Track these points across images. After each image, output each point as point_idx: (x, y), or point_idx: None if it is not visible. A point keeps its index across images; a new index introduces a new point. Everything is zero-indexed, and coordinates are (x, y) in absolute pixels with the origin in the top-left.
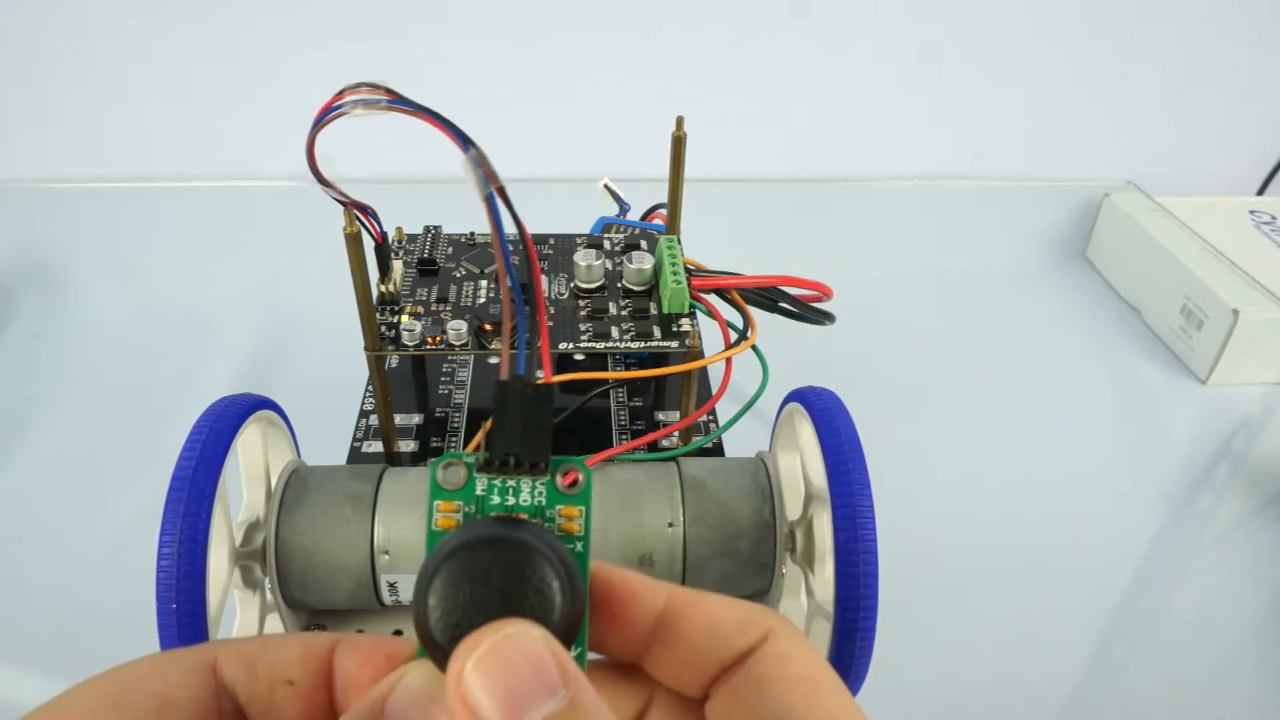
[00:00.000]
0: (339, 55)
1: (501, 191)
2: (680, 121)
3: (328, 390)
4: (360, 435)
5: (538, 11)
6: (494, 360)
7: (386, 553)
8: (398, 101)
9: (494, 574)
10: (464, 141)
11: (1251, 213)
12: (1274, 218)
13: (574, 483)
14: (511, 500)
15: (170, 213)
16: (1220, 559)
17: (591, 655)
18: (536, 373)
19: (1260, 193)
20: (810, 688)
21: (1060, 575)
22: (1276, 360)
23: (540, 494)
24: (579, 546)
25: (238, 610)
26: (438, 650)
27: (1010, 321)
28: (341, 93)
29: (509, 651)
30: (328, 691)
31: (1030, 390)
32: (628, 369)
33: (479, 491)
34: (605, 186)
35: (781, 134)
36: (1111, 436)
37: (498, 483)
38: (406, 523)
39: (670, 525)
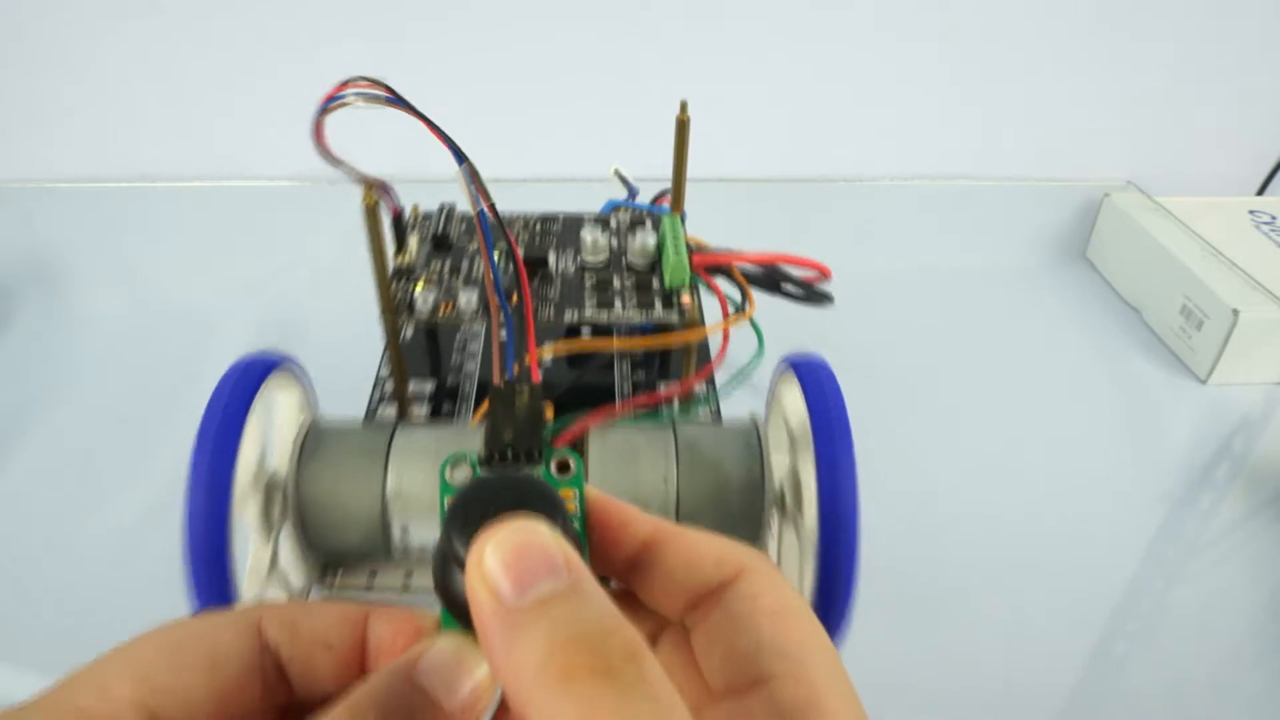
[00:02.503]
0: (339, 55)
1: (492, 209)
2: (684, 105)
3: (328, 389)
4: (376, 400)
5: (539, 12)
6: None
7: (398, 499)
8: (395, 99)
9: (505, 490)
10: (458, 156)
11: (1251, 213)
12: (1274, 218)
13: (564, 466)
14: None
15: (170, 213)
16: (1220, 559)
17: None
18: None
19: (1260, 193)
20: (781, 619)
21: (1060, 575)
22: (1276, 360)
23: None
24: (575, 525)
25: (256, 554)
26: (458, 607)
27: (1010, 321)
28: (344, 84)
29: (521, 539)
30: (361, 656)
31: (1030, 390)
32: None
33: None
34: (615, 173)
35: (782, 134)
36: (1111, 436)
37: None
38: (417, 472)
39: (665, 481)
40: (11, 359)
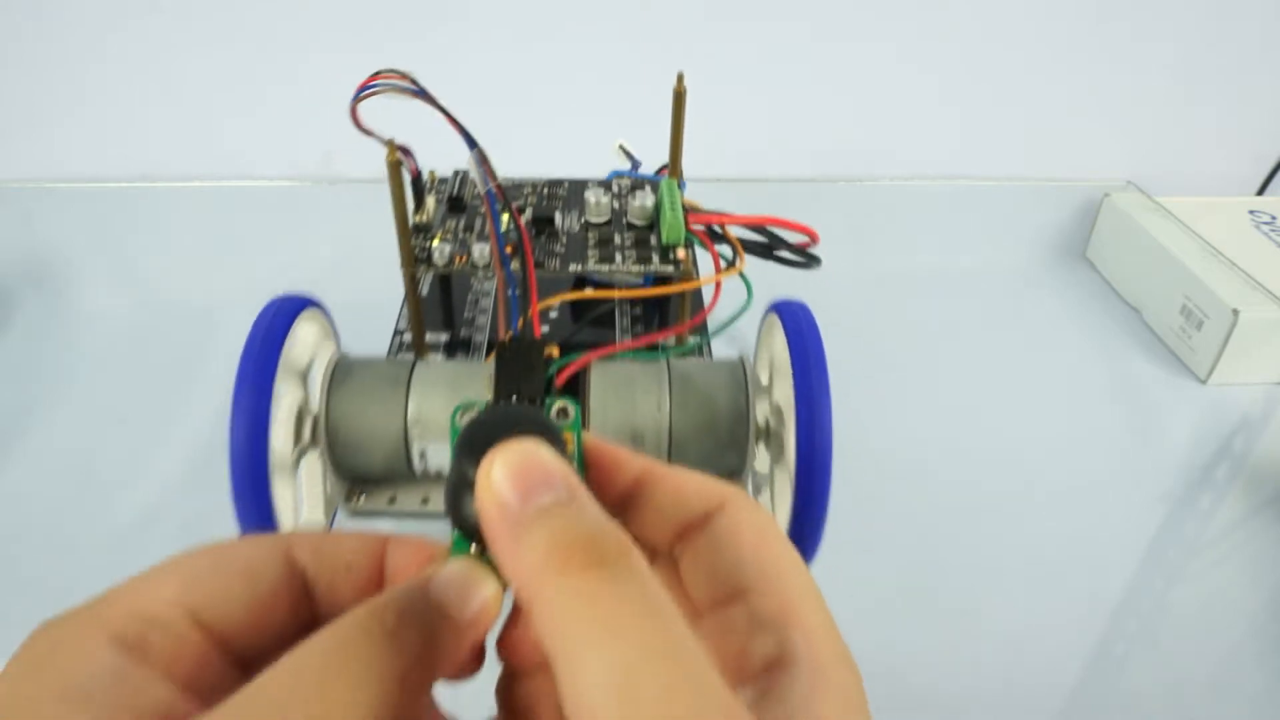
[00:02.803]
0: (339, 55)
1: (499, 189)
2: (681, 77)
3: None
4: (395, 349)
5: (540, 12)
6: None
7: (418, 423)
8: (420, 92)
9: (510, 417)
10: (469, 141)
11: (1251, 213)
12: (1274, 218)
13: (564, 412)
14: None
15: (170, 213)
16: (1220, 559)
17: None
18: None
19: (1260, 193)
20: (759, 542)
21: (1060, 575)
22: (1276, 360)
23: None
24: (574, 465)
25: (290, 479)
26: (469, 529)
27: (1010, 321)
28: (377, 74)
29: (525, 456)
30: (379, 578)
31: (1030, 390)
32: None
33: None
34: (620, 147)
35: (782, 134)
36: (1111, 436)
37: None
38: (435, 401)
39: (659, 408)
40: (11, 359)
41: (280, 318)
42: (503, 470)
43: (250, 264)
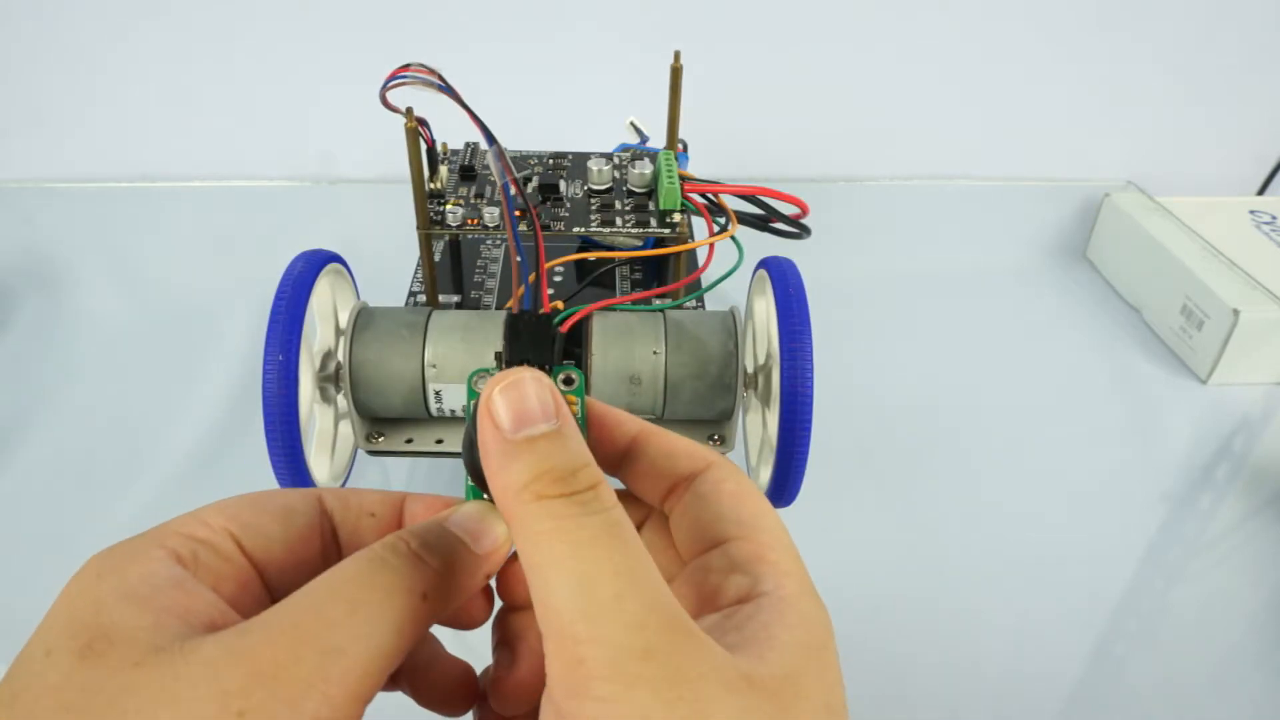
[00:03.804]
0: (339, 55)
1: (515, 183)
2: (677, 55)
3: None
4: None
5: (540, 13)
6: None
7: (434, 366)
8: (445, 88)
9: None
10: (489, 137)
11: (1251, 213)
12: (1274, 218)
13: (569, 380)
14: None
15: (170, 213)
16: (1220, 559)
17: None
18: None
19: (1260, 193)
20: (739, 497)
21: (1060, 575)
22: (1276, 360)
23: None
24: (578, 422)
25: (316, 420)
26: (482, 479)
27: (1010, 321)
28: (405, 66)
29: (523, 386)
30: (400, 525)
31: (1030, 390)
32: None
33: None
34: (630, 123)
35: (782, 134)
36: (1112, 436)
37: None
38: (450, 345)
39: (655, 353)
40: (11, 359)
41: (309, 268)
42: (502, 396)
43: (250, 264)
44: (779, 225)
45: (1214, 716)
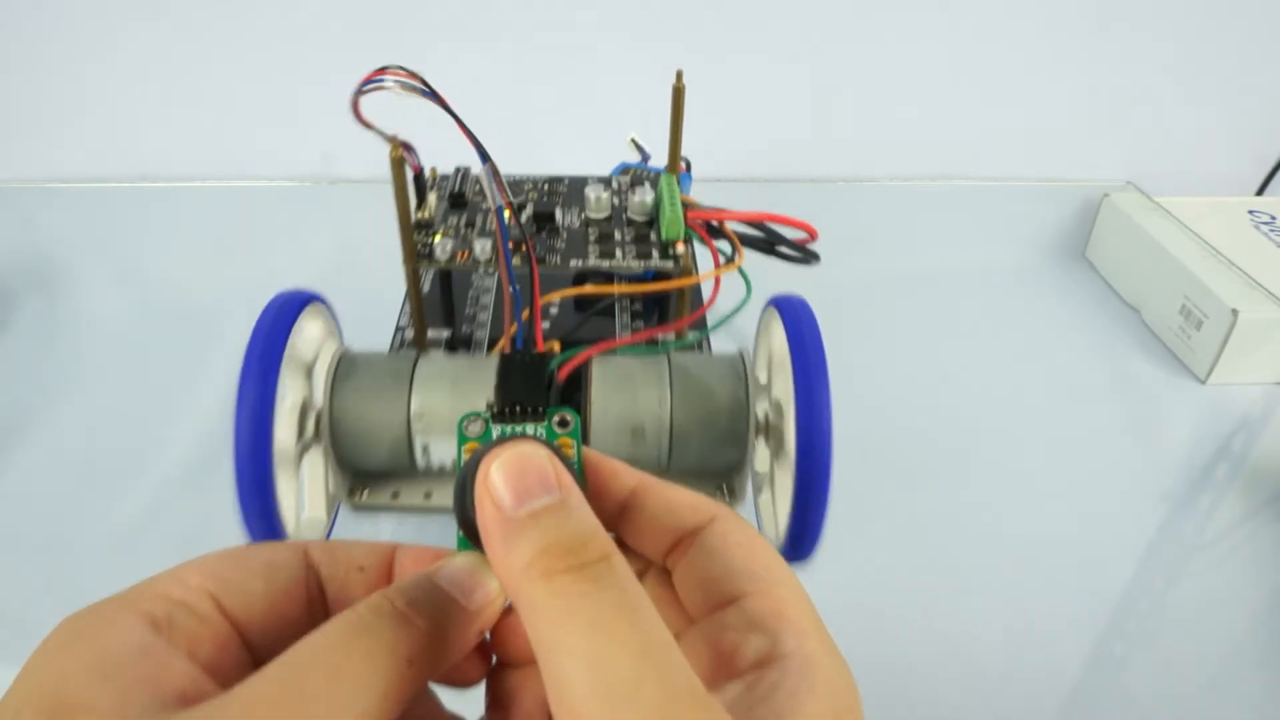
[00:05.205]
0: (339, 55)
1: (510, 206)
2: (679, 75)
3: None
4: (396, 346)
5: (541, 14)
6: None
7: (421, 418)
8: (431, 94)
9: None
10: (482, 155)
11: (1251, 213)
12: (1274, 218)
13: (564, 422)
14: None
15: (170, 213)
16: (1220, 559)
17: None
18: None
19: (1260, 193)
20: (749, 550)
21: (1060, 575)
22: (1276, 360)
23: (541, 433)
24: (574, 467)
25: (294, 473)
26: (474, 531)
27: (1010, 321)
28: (384, 69)
29: (522, 459)
30: (389, 579)
31: (1030, 390)
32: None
33: (494, 435)
34: (632, 140)
35: (781, 134)
36: (1111, 436)
37: (509, 427)
38: (437, 395)
39: (659, 403)
40: (11, 359)
41: (285, 312)
42: (500, 472)
43: (250, 264)
44: (784, 249)
45: (1214, 716)
